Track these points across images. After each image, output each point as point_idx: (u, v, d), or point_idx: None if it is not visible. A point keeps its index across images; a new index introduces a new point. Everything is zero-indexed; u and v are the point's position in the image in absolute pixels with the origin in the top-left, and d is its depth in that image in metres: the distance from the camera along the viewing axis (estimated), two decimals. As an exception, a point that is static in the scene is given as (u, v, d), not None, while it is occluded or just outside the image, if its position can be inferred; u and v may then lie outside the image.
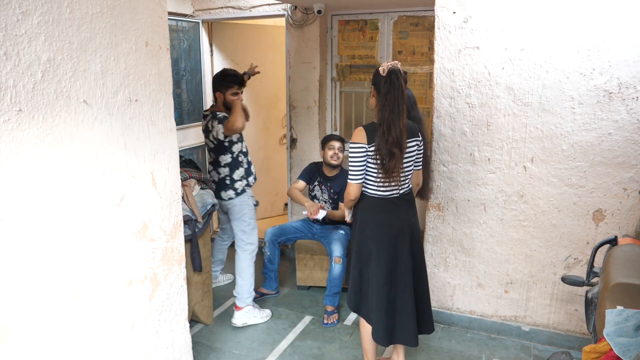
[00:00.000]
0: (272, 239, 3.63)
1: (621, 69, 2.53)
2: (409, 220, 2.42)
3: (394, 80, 2.23)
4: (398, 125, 2.24)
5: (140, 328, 2.06)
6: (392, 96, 2.23)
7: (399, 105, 2.24)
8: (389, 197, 2.38)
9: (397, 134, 2.24)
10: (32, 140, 1.54)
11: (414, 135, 2.39)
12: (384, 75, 2.25)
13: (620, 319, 1.50)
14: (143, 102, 1.95)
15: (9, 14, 1.44)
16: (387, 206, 2.39)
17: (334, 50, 4.16)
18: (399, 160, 2.28)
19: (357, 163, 2.33)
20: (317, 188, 3.63)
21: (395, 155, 2.25)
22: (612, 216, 2.72)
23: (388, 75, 2.24)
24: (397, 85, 2.23)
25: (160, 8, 1.98)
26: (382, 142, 2.25)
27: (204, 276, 3.04)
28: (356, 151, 2.32)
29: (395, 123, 2.23)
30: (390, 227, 2.37)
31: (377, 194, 2.38)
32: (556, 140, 2.74)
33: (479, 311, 3.18)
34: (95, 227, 1.79)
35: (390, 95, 2.24)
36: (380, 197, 2.38)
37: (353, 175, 2.35)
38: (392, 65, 2.25)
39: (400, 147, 2.26)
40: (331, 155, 3.47)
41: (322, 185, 3.60)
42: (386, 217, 2.38)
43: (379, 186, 2.35)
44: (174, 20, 4.29)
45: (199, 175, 3.12)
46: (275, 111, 5.19)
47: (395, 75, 2.23)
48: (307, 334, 3.17)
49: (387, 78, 2.24)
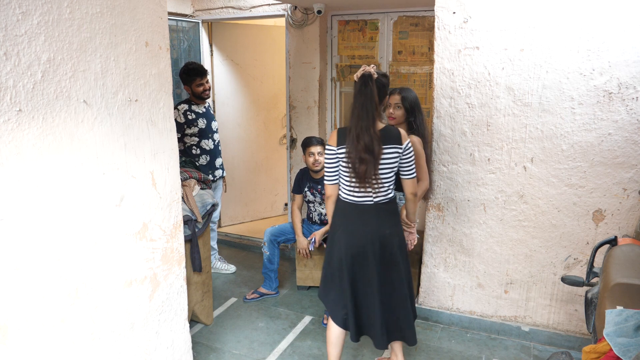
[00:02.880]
0: (271, 239, 3.63)
1: (621, 69, 2.53)
2: (381, 231, 2.33)
3: (361, 87, 2.24)
4: (368, 131, 2.21)
5: (140, 328, 2.06)
6: (359, 102, 2.24)
7: (367, 111, 2.22)
8: (362, 203, 2.34)
9: (366, 140, 2.21)
10: (32, 141, 1.54)
11: (393, 142, 2.30)
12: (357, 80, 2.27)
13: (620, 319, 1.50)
14: (143, 102, 1.95)
15: (9, 14, 1.44)
16: (358, 213, 2.35)
17: (334, 51, 4.16)
18: (370, 165, 2.24)
19: (329, 165, 2.38)
20: (309, 193, 3.66)
21: (365, 160, 2.23)
22: (612, 216, 2.72)
23: (359, 80, 2.25)
24: (364, 91, 2.23)
25: (160, 8, 1.98)
26: (352, 148, 2.25)
27: (203, 276, 3.04)
28: (328, 154, 2.37)
29: (363, 129, 2.21)
30: (357, 235, 2.33)
31: (349, 199, 2.36)
32: (556, 140, 2.74)
33: (479, 311, 3.18)
34: (95, 228, 1.79)
35: (357, 102, 2.25)
36: (353, 203, 2.35)
37: (327, 176, 2.41)
38: (365, 70, 2.25)
39: (372, 153, 2.23)
40: (312, 162, 3.47)
41: (313, 189, 3.62)
42: (355, 225, 2.35)
43: (351, 191, 2.34)
44: (174, 20, 4.29)
45: (198, 175, 3.12)
46: (275, 111, 5.19)
47: (363, 81, 2.23)
48: (307, 334, 3.17)
49: (357, 83, 2.26)
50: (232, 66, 4.81)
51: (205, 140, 3.76)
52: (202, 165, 3.78)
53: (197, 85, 3.62)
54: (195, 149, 3.74)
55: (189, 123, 3.66)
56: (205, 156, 3.78)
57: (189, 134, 3.69)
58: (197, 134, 3.70)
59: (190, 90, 3.66)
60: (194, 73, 3.59)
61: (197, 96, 3.66)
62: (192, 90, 3.64)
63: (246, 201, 5.18)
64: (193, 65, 3.63)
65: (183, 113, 3.63)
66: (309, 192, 3.65)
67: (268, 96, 5.10)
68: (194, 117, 3.67)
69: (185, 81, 3.65)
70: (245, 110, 4.99)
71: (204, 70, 3.64)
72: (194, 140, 3.72)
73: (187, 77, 3.62)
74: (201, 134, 3.72)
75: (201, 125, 3.71)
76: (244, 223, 5.19)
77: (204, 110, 3.76)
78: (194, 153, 3.74)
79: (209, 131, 3.77)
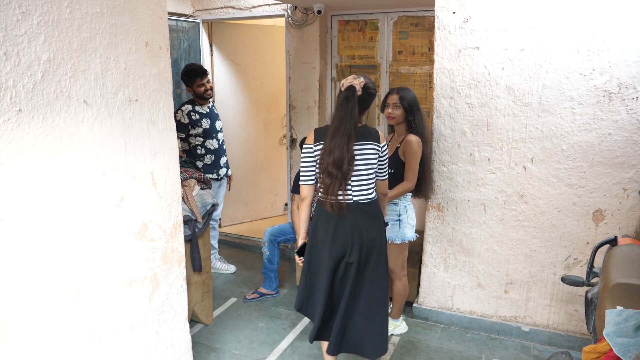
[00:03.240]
0: (271, 239, 3.63)
1: (621, 70, 2.53)
2: (360, 234, 2.24)
3: (343, 100, 2.17)
4: (340, 147, 2.15)
5: (140, 328, 2.06)
6: (338, 116, 2.17)
7: (345, 127, 2.15)
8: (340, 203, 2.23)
9: (336, 156, 2.15)
10: (32, 141, 1.54)
11: (371, 139, 2.25)
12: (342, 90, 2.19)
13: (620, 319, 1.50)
14: (143, 102, 1.95)
15: (9, 14, 1.44)
16: (336, 215, 2.24)
17: (334, 51, 4.16)
18: (335, 182, 2.17)
19: (306, 164, 2.29)
20: None
21: (332, 175, 2.17)
22: (612, 216, 2.72)
23: (344, 92, 2.18)
24: (345, 105, 2.16)
25: (160, 8, 1.98)
26: (325, 159, 2.19)
27: (203, 276, 3.04)
28: (305, 152, 2.29)
29: (337, 145, 2.15)
30: (335, 237, 2.24)
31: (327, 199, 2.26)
32: (556, 140, 2.74)
33: (479, 311, 3.18)
34: (95, 228, 1.79)
35: (337, 114, 2.18)
36: (331, 203, 2.25)
37: (303, 176, 2.31)
38: (351, 82, 2.17)
39: (341, 169, 2.16)
40: None
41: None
42: (333, 227, 2.25)
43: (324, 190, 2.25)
44: (174, 20, 4.29)
45: (198, 175, 3.12)
46: (275, 111, 5.19)
47: (345, 95, 2.16)
48: (307, 334, 3.17)
49: (341, 94, 2.19)
50: (232, 66, 4.81)
51: (210, 140, 3.80)
52: (207, 165, 3.82)
53: (198, 86, 3.65)
54: (200, 148, 3.78)
55: (193, 124, 3.70)
56: (210, 155, 3.82)
57: (194, 135, 3.73)
58: (201, 134, 3.74)
59: (192, 91, 3.70)
60: (193, 74, 3.64)
61: (200, 96, 3.70)
62: (194, 91, 3.68)
63: (246, 201, 5.18)
64: (193, 67, 3.68)
65: (187, 114, 3.67)
66: None
67: (268, 96, 5.10)
68: (198, 117, 3.71)
69: (186, 83, 3.69)
70: (245, 110, 4.99)
71: (204, 70, 3.68)
72: (198, 141, 3.76)
73: (187, 78, 3.66)
74: (205, 134, 3.76)
75: (205, 126, 3.74)
76: (244, 223, 5.19)
77: (207, 110, 3.80)
78: (198, 153, 3.78)
79: (213, 131, 3.81)
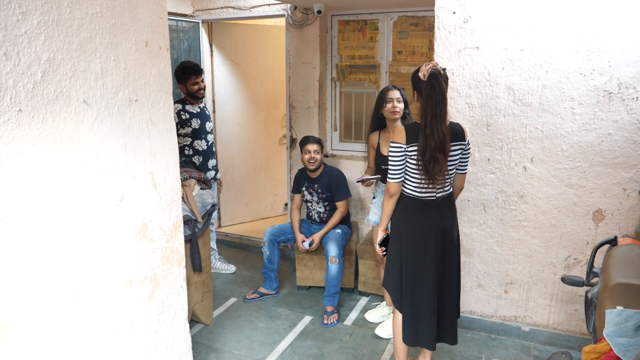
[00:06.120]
0: (271, 238, 3.64)
1: (621, 69, 2.53)
2: (442, 223, 2.36)
3: (434, 84, 2.20)
4: (440, 129, 2.20)
5: (140, 328, 2.06)
6: (433, 100, 2.20)
7: (441, 109, 2.21)
8: (425, 198, 2.34)
9: (439, 138, 2.20)
10: (32, 141, 1.54)
11: (459, 138, 2.32)
12: (424, 79, 2.22)
13: (620, 319, 1.50)
14: (143, 102, 1.95)
15: (9, 14, 1.44)
16: (421, 207, 2.35)
17: (334, 51, 4.16)
18: (442, 164, 2.24)
19: (395, 163, 2.32)
20: (306, 192, 3.66)
21: (438, 160, 2.22)
22: (612, 216, 2.72)
23: (429, 79, 2.21)
24: (437, 88, 2.20)
25: (160, 8, 1.98)
26: (425, 147, 2.22)
27: (203, 276, 3.04)
28: (395, 151, 2.31)
29: (437, 127, 2.20)
30: (421, 228, 2.34)
31: (413, 194, 2.35)
32: (556, 140, 2.74)
33: (479, 311, 3.18)
34: (95, 228, 1.79)
35: (431, 100, 2.20)
36: (415, 198, 2.35)
37: (392, 174, 2.35)
38: (432, 67, 2.22)
39: (444, 152, 2.23)
40: (308, 159, 3.49)
41: (310, 189, 3.63)
42: (419, 218, 2.35)
43: (417, 187, 2.33)
44: (174, 20, 4.30)
45: (198, 175, 3.12)
46: (275, 111, 5.19)
47: (435, 78, 2.20)
48: (307, 334, 3.17)
49: (427, 82, 2.21)
50: (232, 66, 4.81)
51: (198, 140, 3.71)
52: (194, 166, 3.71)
53: (192, 84, 3.57)
54: (188, 149, 3.69)
55: (182, 123, 3.61)
56: (197, 157, 3.73)
57: (182, 134, 3.64)
58: (190, 134, 3.65)
59: (185, 89, 3.62)
60: (189, 71, 3.55)
61: (192, 95, 3.62)
62: (187, 89, 3.60)
63: (246, 201, 5.18)
64: (189, 64, 3.60)
65: (177, 113, 3.57)
66: (306, 192, 3.66)
67: (268, 96, 5.10)
68: (188, 117, 3.62)
69: (180, 79, 3.59)
70: (245, 110, 4.99)
71: (200, 69, 3.62)
72: (186, 141, 3.67)
73: (182, 75, 3.57)
74: (194, 135, 3.67)
75: (195, 126, 3.66)
76: (244, 223, 5.19)
77: (198, 110, 3.71)
78: (186, 153, 3.68)
79: (203, 132, 3.72)
